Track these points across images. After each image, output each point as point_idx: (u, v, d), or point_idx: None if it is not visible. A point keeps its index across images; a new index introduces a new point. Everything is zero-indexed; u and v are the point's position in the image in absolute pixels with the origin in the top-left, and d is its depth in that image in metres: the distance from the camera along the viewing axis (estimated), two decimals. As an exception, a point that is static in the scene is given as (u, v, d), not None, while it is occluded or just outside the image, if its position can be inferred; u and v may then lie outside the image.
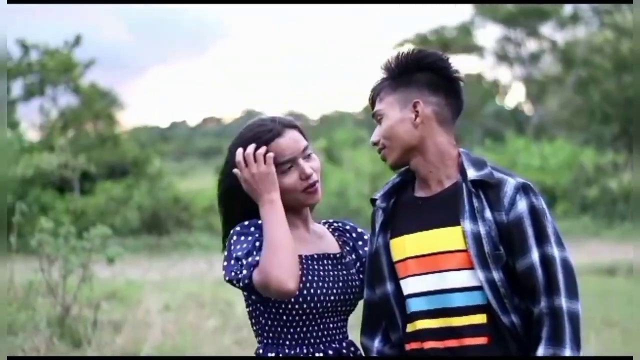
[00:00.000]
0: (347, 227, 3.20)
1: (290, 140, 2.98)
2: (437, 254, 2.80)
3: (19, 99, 36.42)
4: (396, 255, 2.91)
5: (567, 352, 2.67)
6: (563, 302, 2.70)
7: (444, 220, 2.81)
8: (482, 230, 2.74)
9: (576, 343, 2.70)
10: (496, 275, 2.74)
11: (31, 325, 8.71)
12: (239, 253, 2.87)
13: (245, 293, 2.97)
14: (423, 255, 2.83)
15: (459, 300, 2.77)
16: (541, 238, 2.75)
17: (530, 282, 2.73)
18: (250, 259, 2.84)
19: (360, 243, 3.15)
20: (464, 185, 2.82)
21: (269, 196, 2.89)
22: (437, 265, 2.79)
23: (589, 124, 34.53)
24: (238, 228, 2.94)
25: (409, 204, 2.93)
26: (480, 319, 2.76)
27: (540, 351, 2.69)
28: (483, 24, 39.83)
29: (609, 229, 25.14)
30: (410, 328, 2.87)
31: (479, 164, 2.85)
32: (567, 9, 38.33)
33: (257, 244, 2.88)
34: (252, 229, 2.93)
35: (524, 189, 2.78)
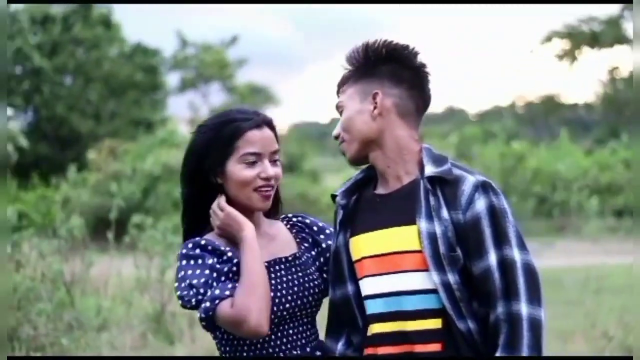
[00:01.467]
0: (307, 221, 3.07)
1: (265, 137, 2.91)
2: (392, 254, 2.68)
3: (173, 92, 37.51)
4: (354, 255, 2.79)
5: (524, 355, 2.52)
6: (523, 307, 2.54)
7: (400, 219, 2.68)
8: (438, 230, 2.61)
9: (536, 350, 2.53)
10: (452, 277, 2.59)
11: (125, 321, 8.91)
12: (194, 281, 2.78)
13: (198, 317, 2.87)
14: (378, 255, 2.71)
15: (412, 304, 2.64)
16: (500, 240, 2.59)
17: (486, 287, 2.57)
18: (214, 292, 2.76)
19: (322, 237, 3.03)
20: (422, 182, 2.68)
21: (241, 235, 2.83)
22: (391, 266, 2.67)
23: None
24: (184, 250, 2.85)
25: (369, 201, 2.81)
26: (434, 323, 2.62)
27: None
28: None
29: None
30: (368, 332, 2.76)
31: (439, 161, 2.71)
32: None
33: (214, 274, 2.80)
34: (198, 250, 2.83)
35: (483, 187, 2.64)
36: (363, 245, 2.76)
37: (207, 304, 2.75)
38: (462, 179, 2.65)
